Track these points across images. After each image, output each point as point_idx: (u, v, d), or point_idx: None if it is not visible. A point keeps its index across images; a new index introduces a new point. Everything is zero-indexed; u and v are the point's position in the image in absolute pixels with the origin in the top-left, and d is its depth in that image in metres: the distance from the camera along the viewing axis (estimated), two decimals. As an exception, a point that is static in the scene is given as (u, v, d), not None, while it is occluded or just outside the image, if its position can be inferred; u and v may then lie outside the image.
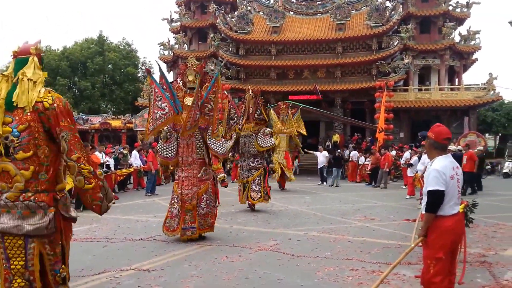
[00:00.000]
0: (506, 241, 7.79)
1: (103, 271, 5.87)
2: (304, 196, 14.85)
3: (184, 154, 7.97)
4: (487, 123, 32.51)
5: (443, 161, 4.03)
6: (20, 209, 4.02)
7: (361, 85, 27.54)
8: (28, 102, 4.04)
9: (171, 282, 5.41)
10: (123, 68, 38.29)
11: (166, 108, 7.50)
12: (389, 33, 28.43)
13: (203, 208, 7.78)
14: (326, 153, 19.17)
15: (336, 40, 28.77)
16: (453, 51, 29.66)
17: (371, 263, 6.22)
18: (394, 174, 20.12)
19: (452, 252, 4.08)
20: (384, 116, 23.28)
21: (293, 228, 9.02)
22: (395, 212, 11.20)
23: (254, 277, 5.60)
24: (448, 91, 28.67)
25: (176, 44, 33.86)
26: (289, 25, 31.14)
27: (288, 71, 29.72)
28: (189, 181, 7.85)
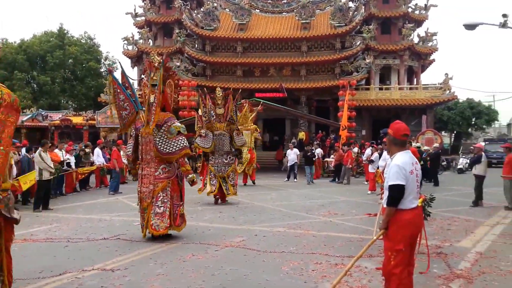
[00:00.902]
0: (460, 233, 8.16)
1: (65, 272, 5.73)
2: (270, 192, 14.99)
3: (144, 152, 7.82)
4: (443, 121, 33.71)
5: (403, 157, 4.17)
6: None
7: (325, 83, 27.96)
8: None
9: (136, 281, 5.34)
10: (84, 63, 37.22)
11: (127, 107, 7.62)
12: (352, 33, 28.98)
13: (159, 206, 7.52)
14: (297, 151, 19.38)
15: (301, 39, 29.07)
16: (412, 51, 30.59)
17: (334, 257, 6.39)
18: (356, 171, 20.58)
19: (411, 244, 4.24)
20: (347, 114, 23.77)
21: (259, 224, 9.11)
22: (357, 207, 11.49)
23: (220, 274, 5.63)
24: (407, 91, 29.58)
25: (141, 39, 33.26)
26: (255, 23, 31.21)
27: (254, 69, 29.79)
28: (147, 179, 7.68)
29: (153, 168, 7.66)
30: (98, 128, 24.94)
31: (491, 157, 23.57)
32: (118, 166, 15.13)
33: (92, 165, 16.28)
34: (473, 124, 35.75)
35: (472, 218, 9.84)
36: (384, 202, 4.26)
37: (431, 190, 14.25)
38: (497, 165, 24.08)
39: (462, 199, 12.97)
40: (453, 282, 5.28)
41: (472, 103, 34.86)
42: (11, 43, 36.63)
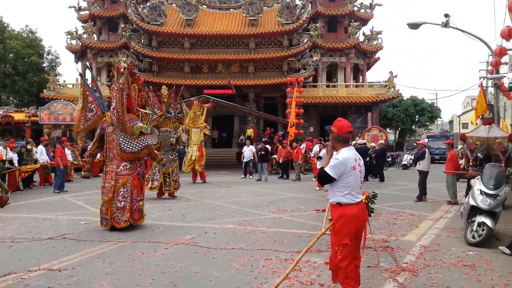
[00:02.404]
0: (405, 228, 8.48)
1: (9, 272, 5.52)
2: (219, 189, 14.96)
3: (107, 150, 8.39)
4: (388, 118, 34.81)
5: (347, 153, 4.28)
6: None
7: (273, 80, 28.20)
8: None
9: (84, 281, 5.21)
10: (26, 58, 35.47)
11: (94, 109, 8.35)
12: (299, 31, 29.39)
13: (120, 201, 8.06)
14: (252, 148, 19.44)
15: (249, 36, 29.15)
16: (357, 50, 31.53)
17: (284, 252, 6.47)
18: (304, 167, 20.95)
19: (357, 238, 4.38)
20: (295, 111, 24.12)
21: (209, 221, 9.09)
22: (306, 203, 11.69)
23: (170, 272, 5.58)
24: (353, 88, 30.46)
25: (85, 34, 32.18)
26: (203, 19, 30.97)
27: (202, 65, 29.57)
28: (109, 175, 8.24)
29: (115, 165, 8.22)
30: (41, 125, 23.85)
31: (434, 153, 24.67)
32: (62, 163, 14.59)
33: (35, 162, 15.63)
34: (417, 121, 37.04)
35: (417, 213, 10.19)
36: (331, 198, 4.39)
37: (377, 186, 14.79)
38: (439, 161, 25.28)
39: (407, 194, 13.40)
40: (399, 275, 5.43)
41: (415, 101, 36.09)
42: None
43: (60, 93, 30.35)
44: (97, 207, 10.65)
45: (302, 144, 20.49)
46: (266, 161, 18.79)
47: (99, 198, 12.27)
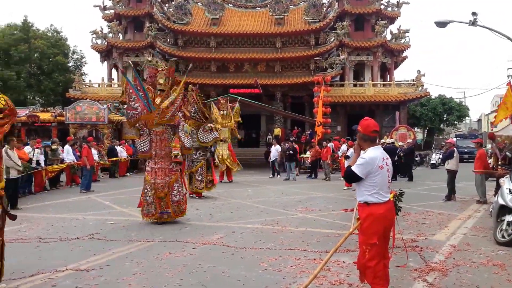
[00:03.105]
0: (434, 227, 8.32)
1: (37, 272, 5.55)
2: (247, 189, 14.94)
3: (157, 148, 8.86)
4: (416, 117, 34.34)
5: (374, 152, 4.24)
6: None
7: (300, 79, 28.04)
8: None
9: (111, 281, 5.21)
10: (51, 57, 35.98)
11: (138, 108, 8.62)
12: (325, 30, 29.12)
13: (175, 195, 8.80)
14: (278, 147, 19.38)
15: (275, 35, 29.06)
16: (385, 48, 31.04)
17: (312, 252, 6.40)
18: (333, 166, 20.74)
19: (385, 237, 4.33)
20: (322, 110, 23.91)
21: (237, 221, 9.06)
22: (334, 203, 11.57)
23: (198, 271, 5.55)
24: (381, 87, 30.01)
25: (110, 33, 32.57)
26: (229, 18, 31.01)
27: (228, 64, 29.61)
28: (161, 172, 8.78)
29: (167, 162, 8.84)
30: (67, 124, 24.31)
31: (463, 152, 24.18)
32: (89, 163, 14.73)
33: (61, 162, 15.81)
34: (445, 120, 36.48)
35: (446, 212, 10.04)
36: (359, 197, 4.36)
37: (406, 185, 14.51)
38: (468, 160, 24.78)
39: (435, 193, 13.20)
40: (429, 275, 5.35)
41: (444, 100, 35.56)
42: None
43: (86, 92, 30.82)
44: (124, 207, 10.87)
45: (330, 143, 20.26)
46: (294, 161, 18.65)
47: (125, 198, 12.57)
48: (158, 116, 8.68)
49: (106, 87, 32.10)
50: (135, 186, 15.52)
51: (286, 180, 17.88)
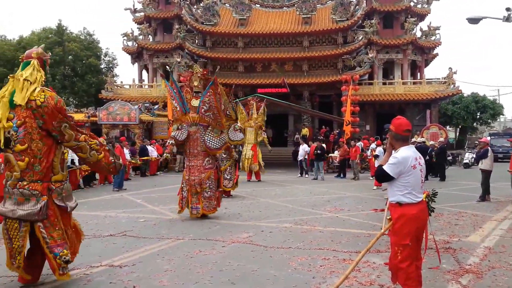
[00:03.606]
0: (468, 228, 8.12)
1: (73, 268, 5.66)
2: (275, 188, 14.94)
3: (191, 147, 9.40)
4: (448, 115, 33.53)
5: (406, 152, 4.18)
6: (16, 196, 4.74)
7: (328, 78, 27.88)
8: (22, 100, 4.70)
9: (144, 277, 5.32)
10: (84, 59, 36.91)
11: (177, 107, 9.43)
12: (354, 28, 28.89)
13: (207, 192, 9.18)
14: (306, 147, 19.33)
15: (303, 34, 28.97)
16: (415, 46, 30.44)
17: (342, 252, 6.36)
18: (361, 166, 20.51)
19: (418, 238, 4.26)
20: (351, 109, 23.68)
21: (265, 220, 9.08)
22: (363, 203, 11.45)
23: (228, 269, 5.60)
24: (411, 85, 29.48)
25: (140, 35, 33.11)
26: (256, 18, 31.09)
27: (256, 64, 29.71)
28: (195, 169, 9.27)
29: (200, 160, 9.31)
30: (100, 124, 24.88)
31: (497, 152, 23.47)
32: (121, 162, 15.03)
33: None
34: (478, 118, 35.44)
35: (480, 213, 9.78)
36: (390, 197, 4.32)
37: (438, 185, 14.21)
38: (503, 159, 24.02)
39: (469, 193, 12.89)
40: (463, 277, 5.24)
41: (476, 98, 34.52)
42: (10, 40, 36.37)
43: (118, 93, 31.45)
44: (155, 205, 11.07)
45: (358, 142, 20.05)
46: (322, 160, 18.54)
47: (156, 196, 12.78)
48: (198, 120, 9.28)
49: (137, 88, 32.70)
50: (165, 185, 15.81)
51: (314, 179, 17.79)
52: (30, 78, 4.83)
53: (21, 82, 4.79)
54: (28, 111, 4.73)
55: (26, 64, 5.03)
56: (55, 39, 35.98)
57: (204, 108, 9.32)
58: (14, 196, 4.74)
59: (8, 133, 4.70)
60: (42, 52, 5.20)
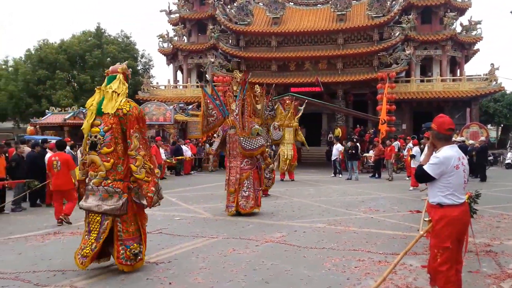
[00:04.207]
0: (510, 231, 7.82)
1: (111, 264, 5.88)
2: (308, 188, 14.85)
3: (231, 149, 9.89)
4: (489, 114, 32.33)
5: (448, 151, 4.06)
6: (101, 193, 5.41)
7: (363, 76, 27.47)
8: (111, 109, 5.45)
9: (179, 274, 5.43)
10: (122, 61, 37.86)
11: (215, 114, 9.72)
12: (390, 24, 28.31)
13: (245, 191, 9.54)
14: (339, 146, 19.14)
15: (337, 31, 28.66)
16: (454, 41, 29.51)
17: (377, 254, 6.25)
18: (397, 166, 20.11)
19: (459, 241, 4.13)
20: (386, 108, 23.26)
21: (299, 220, 9.05)
22: (399, 203, 11.22)
23: (261, 269, 5.62)
24: (450, 82, 28.60)
25: (175, 36, 33.60)
26: (289, 16, 30.99)
27: (289, 63, 29.62)
28: (233, 170, 9.74)
29: (238, 161, 9.74)
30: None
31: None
32: (157, 162, 15.32)
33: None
34: (522, 116, 34.04)
35: (523, 215, 9.37)
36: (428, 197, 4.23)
37: (478, 186, 13.74)
38: (548, 159, 23.00)
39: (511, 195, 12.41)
40: (505, 281, 5.05)
41: (520, 94, 33.20)
42: (52, 44, 37.64)
43: (154, 94, 32.08)
44: (189, 204, 11.24)
45: (394, 142, 19.65)
46: (356, 160, 18.27)
47: (190, 195, 12.96)
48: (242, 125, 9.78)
49: (172, 88, 33.24)
50: (199, 184, 16.00)
51: (348, 179, 17.57)
52: (118, 90, 5.60)
53: (110, 94, 5.56)
54: (115, 118, 5.46)
55: (111, 78, 5.79)
56: (94, 42, 37.01)
57: (237, 111, 9.90)
58: (99, 193, 5.41)
59: (94, 137, 5.44)
60: (126, 67, 5.96)
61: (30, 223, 9.16)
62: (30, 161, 11.22)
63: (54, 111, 29.42)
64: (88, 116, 5.59)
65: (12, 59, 38.84)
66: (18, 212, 10.51)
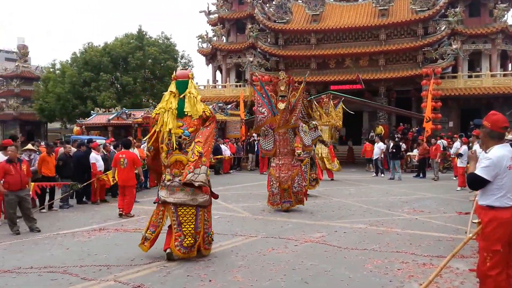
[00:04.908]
0: None
1: (153, 260, 6.04)
2: (349, 188, 14.60)
3: (281, 146, 10.24)
4: (543, 110, 30.69)
5: (501, 151, 3.86)
6: (192, 188, 5.86)
7: (407, 73, 26.73)
8: (197, 112, 6.06)
9: (219, 272, 5.49)
10: (162, 63, 38.42)
11: (265, 112, 9.99)
12: (435, 18, 27.40)
13: (295, 187, 9.97)
14: (381, 145, 18.71)
15: (379, 27, 28.02)
16: (505, 34, 28.09)
17: (421, 256, 6.04)
18: (443, 165, 19.39)
19: (510, 244, 3.91)
20: (432, 105, 22.45)
21: (339, 220, 8.90)
22: (445, 204, 10.82)
23: (301, 269, 5.56)
24: (501, 77, 27.24)
25: (214, 37, 33.87)
26: (329, 13, 30.56)
27: (329, 61, 29.23)
28: (285, 167, 10.08)
29: (289, 159, 10.14)
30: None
31: None
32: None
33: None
34: None
35: None
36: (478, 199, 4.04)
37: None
38: None
39: None
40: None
41: None
42: (96, 47, 38.85)
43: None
44: (228, 203, 11.28)
45: (439, 140, 18.96)
46: (399, 159, 17.74)
47: (230, 194, 13.01)
48: (283, 122, 9.99)
49: (211, 88, 33.54)
50: (238, 183, 16.04)
51: (391, 179, 17.10)
52: (196, 95, 6.19)
53: (192, 98, 6.11)
54: (199, 120, 6.07)
55: (180, 82, 6.25)
56: (136, 44, 37.90)
57: (296, 110, 10.22)
58: (191, 188, 5.89)
59: (179, 138, 5.92)
60: (193, 73, 6.51)
61: (77, 219, 9.52)
62: (77, 160, 11.64)
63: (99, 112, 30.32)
64: (170, 117, 6.00)
65: (59, 62, 40.19)
66: (66, 209, 10.94)
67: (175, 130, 5.95)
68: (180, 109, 6.04)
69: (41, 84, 40.40)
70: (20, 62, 41.82)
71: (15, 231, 8.05)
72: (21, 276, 5.50)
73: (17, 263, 6.04)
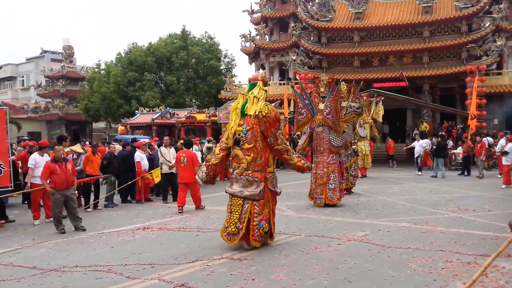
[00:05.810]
0: None
1: (196, 259, 6.14)
2: (392, 186, 14.49)
3: (318, 145, 10.77)
4: None
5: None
6: (243, 181, 6.56)
7: (451, 70, 26.08)
8: (253, 111, 6.51)
9: (262, 271, 5.55)
10: (206, 62, 38.56)
11: (304, 113, 10.54)
12: (479, 14, 26.63)
13: (331, 183, 10.39)
14: (423, 143, 18.40)
15: (423, 24, 27.49)
16: (551, 30, 26.87)
17: (466, 255, 6.03)
18: (488, 163, 18.85)
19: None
20: (476, 102, 21.83)
21: (382, 219, 8.91)
22: (490, 202, 10.64)
23: (344, 267, 5.63)
24: (546, 74, 26.10)
25: (257, 36, 34.03)
26: (372, 11, 30.19)
27: (372, 58, 28.90)
28: (321, 165, 10.62)
29: (325, 157, 10.62)
30: (220, 124, 26.16)
31: None
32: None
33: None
34: None
35: None
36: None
37: None
38: None
39: None
40: None
41: None
42: (140, 47, 39.60)
43: (236, 93, 32.50)
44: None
45: (484, 138, 18.44)
46: (443, 157, 17.39)
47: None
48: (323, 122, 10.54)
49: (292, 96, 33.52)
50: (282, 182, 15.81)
51: (434, 177, 16.81)
52: (258, 95, 6.64)
53: (252, 99, 6.62)
54: (255, 120, 6.50)
55: (253, 84, 6.81)
56: (180, 44, 38.42)
57: (326, 111, 10.58)
58: (241, 181, 6.55)
59: (238, 135, 6.56)
60: (264, 75, 7.01)
61: (122, 218, 9.76)
62: (121, 159, 11.95)
63: (143, 112, 31.04)
64: (234, 117, 6.68)
65: (104, 62, 41.17)
66: (110, 208, 11.23)
67: (235, 128, 6.61)
68: (243, 109, 6.66)
69: (86, 84, 41.45)
70: (66, 62, 43.10)
71: (60, 230, 8.18)
72: (66, 274, 5.63)
73: (62, 261, 6.20)
